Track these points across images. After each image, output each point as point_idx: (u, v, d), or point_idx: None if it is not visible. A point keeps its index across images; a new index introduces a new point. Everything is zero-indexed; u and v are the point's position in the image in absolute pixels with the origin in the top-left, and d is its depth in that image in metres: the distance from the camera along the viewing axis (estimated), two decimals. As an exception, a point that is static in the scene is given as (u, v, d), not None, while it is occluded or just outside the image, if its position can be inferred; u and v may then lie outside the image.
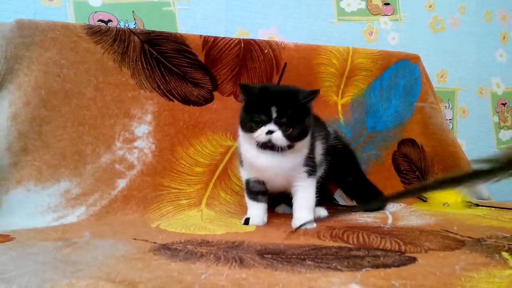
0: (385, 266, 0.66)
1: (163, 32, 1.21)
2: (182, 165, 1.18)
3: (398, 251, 0.75)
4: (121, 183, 1.08)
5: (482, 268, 0.64)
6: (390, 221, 1.08)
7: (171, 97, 1.20)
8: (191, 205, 1.13)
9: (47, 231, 0.90)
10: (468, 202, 1.32)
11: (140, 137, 1.14)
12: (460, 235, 0.90)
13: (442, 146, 1.54)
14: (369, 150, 1.45)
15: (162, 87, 1.19)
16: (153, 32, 1.20)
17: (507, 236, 0.88)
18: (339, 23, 1.66)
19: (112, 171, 1.09)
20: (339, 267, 0.65)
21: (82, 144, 1.08)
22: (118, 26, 1.32)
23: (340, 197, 1.38)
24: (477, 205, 1.34)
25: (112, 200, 1.06)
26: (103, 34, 1.15)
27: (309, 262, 0.67)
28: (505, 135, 1.98)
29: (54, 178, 1.03)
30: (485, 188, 1.56)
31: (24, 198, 1.00)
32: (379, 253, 0.73)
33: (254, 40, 1.32)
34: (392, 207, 1.29)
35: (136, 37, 1.18)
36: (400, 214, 1.18)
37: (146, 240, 0.81)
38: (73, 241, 0.79)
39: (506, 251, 0.74)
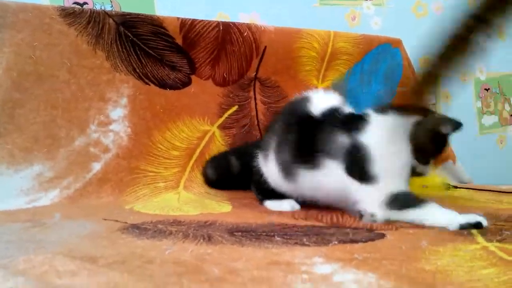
0: (353, 241, 0.66)
1: (139, 14, 1.19)
2: (159, 149, 1.16)
3: (368, 229, 0.76)
4: (96, 166, 1.07)
5: (449, 243, 0.65)
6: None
7: (147, 80, 1.18)
8: (168, 188, 1.12)
9: (18, 213, 0.89)
10: (446, 184, 1.33)
11: (115, 121, 1.13)
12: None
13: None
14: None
15: (138, 70, 1.18)
16: (129, 14, 1.18)
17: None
18: (322, 7, 1.65)
19: (87, 155, 1.07)
20: (306, 242, 0.65)
21: (55, 127, 1.06)
22: (94, 8, 1.30)
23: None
24: (456, 187, 1.35)
25: (86, 183, 1.04)
26: (76, 16, 1.12)
27: (278, 239, 0.67)
28: (487, 120, 2.00)
29: (27, 161, 1.02)
30: (465, 172, 1.57)
31: (-5, 181, 0.98)
32: (348, 231, 0.74)
33: (233, 23, 1.31)
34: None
35: (111, 19, 1.15)
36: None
37: (116, 220, 0.80)
38: (42, 222, 0.78)
39: (476, 228, 0.75)
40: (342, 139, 0.85)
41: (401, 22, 1.76)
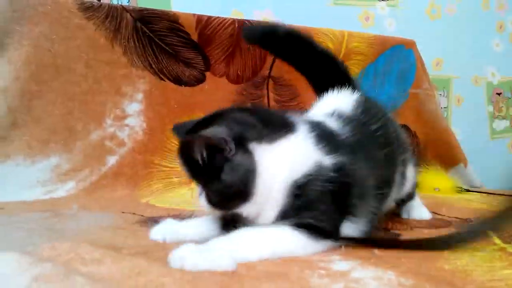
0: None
1: (156, 10, 1.20)
2: (174, 144, 1.17)
3: (384, 228, 0.76)
4: (111, 160, 1.08)
5: (466, 243, 0.65)
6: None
7: (162, 76, 1.19)
8: (182, 183, 1.13)
9: (36, 204, 0.90)
10: (458, 187, 1.33)
11: (131, 115, 1.14)
12: (448, 216, 0.90)
13: (435, 133, 1.54)
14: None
15: (154, 66, 1.19)
16: (146, 9, 1.19)
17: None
18: (336, 7, 1.65)
19: (102, 148, 1.08)
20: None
21: (72, 120, 1.07)
22: (111, 3, 1.31)
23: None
24: (468, 190, 1.35)
25: (102, 176, 1.06)
26: (95, 10, 1.13)
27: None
28: (499, 125, 1.99)
29: (44, 153, 1.03)
30: (476, 176, 1.57)
31: (13, 172, 0.99)
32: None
33: (248, 21, 1.32)
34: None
35: (128, 15, 1.16)
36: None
37: (134, 213, 0.81)
38: (60, 212, 0.79)
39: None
40: None
41: (414, 24, 1.76)
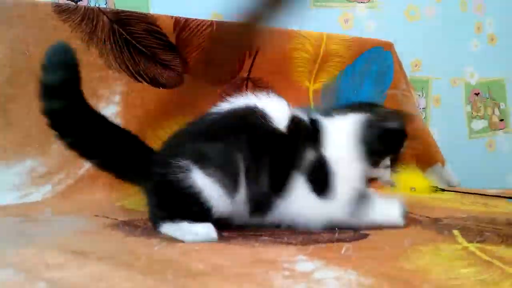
0: (338, 241, 0.68)
1: (133, 12, 1.20)
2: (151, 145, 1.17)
3: (353, 229, 0.77)
4: (88, 163, 1.08)
5: (430, 243, 0.67)
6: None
7: (140, 78, 1.19)
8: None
9: (10, 208, 0.90)
10: (434, 187, 1.36)
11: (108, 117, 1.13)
12: (419, 215, 0.92)
13: (413, 133, 1.56)
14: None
15: (131, 68, 1.19)
16: (123, 11, 1.19)
17: (464, 217, 0.91)
18: (315, 9, 1.67)
19: (79, 151, 1.08)
20: (293, 242, 0.67)
21: (48, 123, 1.07)
22: (88, 5, 1.30)
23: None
24: (443, 190, 1.37)
25: (78, 179, 1.05)
26: (71, 12, 1.13)
27: (265, 238, 0.69)
28: (477, 124, 2.03)
29: (19, 157, 1.02)
30: (454, 175, 1.60)
31: (-12, 176, 0.99)
32: (335, 230, 0.75)
33: (227, 23, 1.32)
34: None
35: (105, 17, 1.16)
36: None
37: (107, 217, 0.81)
38: (33, 217, 0.79)
39: (458, 229, 0.77)
40: (310, 155, 0.73)
41: (393, 25, 1.78)
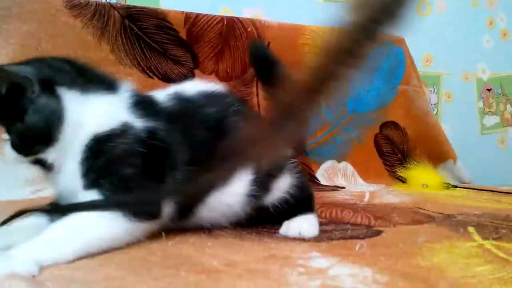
0: (352, 238, 0.67)
1: (144, 8, 1.20)
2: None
3: (367, 225, 0.77)
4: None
5: (445, 240, 0.66)
6: (366, 199, 1.10)
7: (151, 74, 1.19)
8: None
9: (22, 203, 0.90)
10: (446, 183, 1.34)
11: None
12: (432, 212, 0.91)
13: (425, 129, 1.56)
14: (350, 132, 1.46)
15: (142, 63, 1.19)
16: (134, 7, 1.19)
17: (478, 214, 0.90)
18: (326, 4, 1.65)
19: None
20: (306, 239, 0.66)
21: (60, 118, 1.07)
22: (99, 0, 1.30)
23: (322, 177, 1.39)
24: (456, 186, 1.36)
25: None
26: (82, 8, 1.13)
27: (278, 235, 0.68)
28: (489, 120, 2.00)
29: (31, 152, 1.03)
30: (465, 172, 1.58)
31: (1, 171, 0.99)
32: (348, 227, 0.75)
33: (237, 18, 1.32)
34: (371, 187, 1.31)
35: (116, 12, 1.16)
36: (378, 193, 1.20)
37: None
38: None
39: (473, 226, 0.76)
40: None
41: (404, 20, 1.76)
